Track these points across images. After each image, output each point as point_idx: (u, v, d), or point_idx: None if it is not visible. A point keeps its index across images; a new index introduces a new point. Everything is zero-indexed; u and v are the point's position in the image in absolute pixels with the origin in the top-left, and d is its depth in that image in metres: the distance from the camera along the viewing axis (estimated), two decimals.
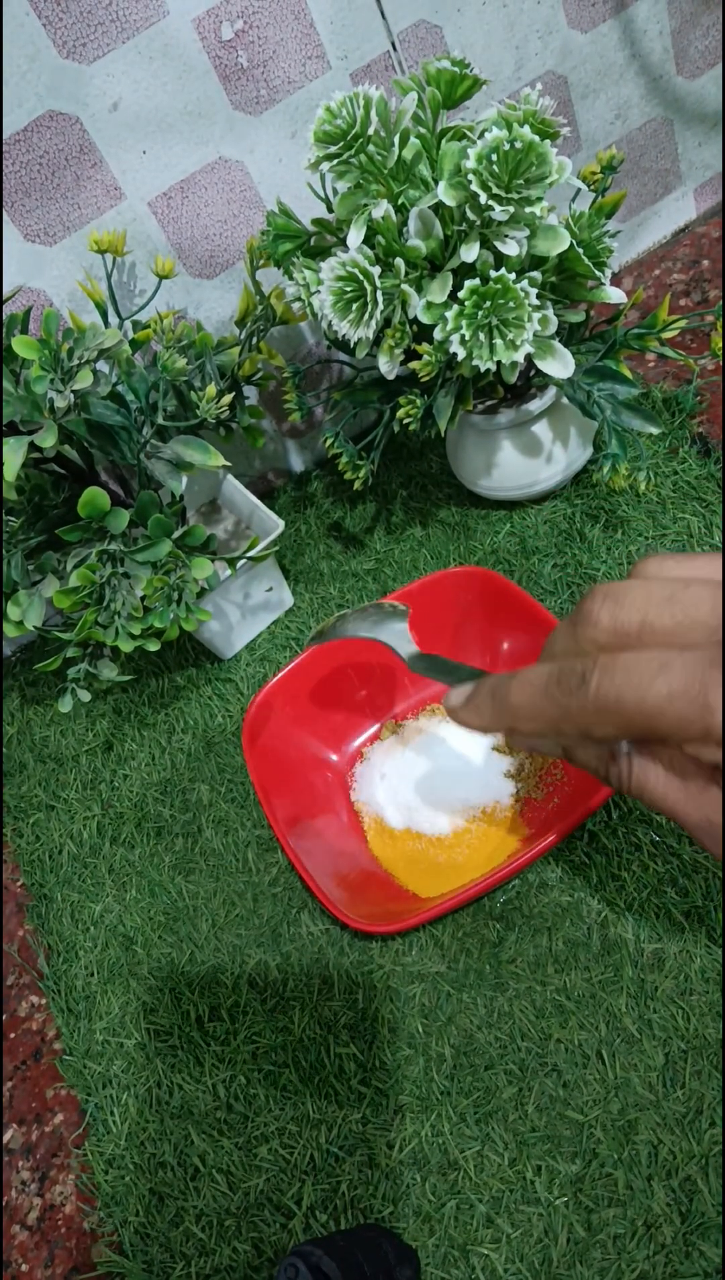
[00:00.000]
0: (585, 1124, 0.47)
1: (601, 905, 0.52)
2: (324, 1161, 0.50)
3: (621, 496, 0.67)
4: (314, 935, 0.57)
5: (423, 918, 0.50)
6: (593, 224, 0.54)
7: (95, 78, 0.59)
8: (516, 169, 0.48)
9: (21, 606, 0.58)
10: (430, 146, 0.54)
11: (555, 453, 0.66)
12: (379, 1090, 0.51)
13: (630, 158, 0.77)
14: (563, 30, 0.69)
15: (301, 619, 0.73)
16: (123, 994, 0.60)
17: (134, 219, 0.65)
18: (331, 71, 0.65)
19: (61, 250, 0.64)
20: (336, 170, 0.52)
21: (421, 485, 0.76)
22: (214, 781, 0.67)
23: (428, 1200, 0.48)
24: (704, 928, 0.50)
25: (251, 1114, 0.53)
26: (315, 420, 0.81)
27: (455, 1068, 0.50)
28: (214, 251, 0.69)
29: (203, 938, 0.60)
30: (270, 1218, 0.50)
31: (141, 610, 0.58)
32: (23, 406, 0.52)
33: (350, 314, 0.54)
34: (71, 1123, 0.57)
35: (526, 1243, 0.45)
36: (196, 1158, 0.52)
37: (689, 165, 0.80)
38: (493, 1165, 0.47)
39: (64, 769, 0.72)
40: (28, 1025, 0.62)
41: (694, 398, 0.70)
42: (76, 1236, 0.53)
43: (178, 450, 0.59)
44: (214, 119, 0.63)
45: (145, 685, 0.74)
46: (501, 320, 0.51)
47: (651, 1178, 0.45)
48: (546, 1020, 0.50)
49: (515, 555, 0.68)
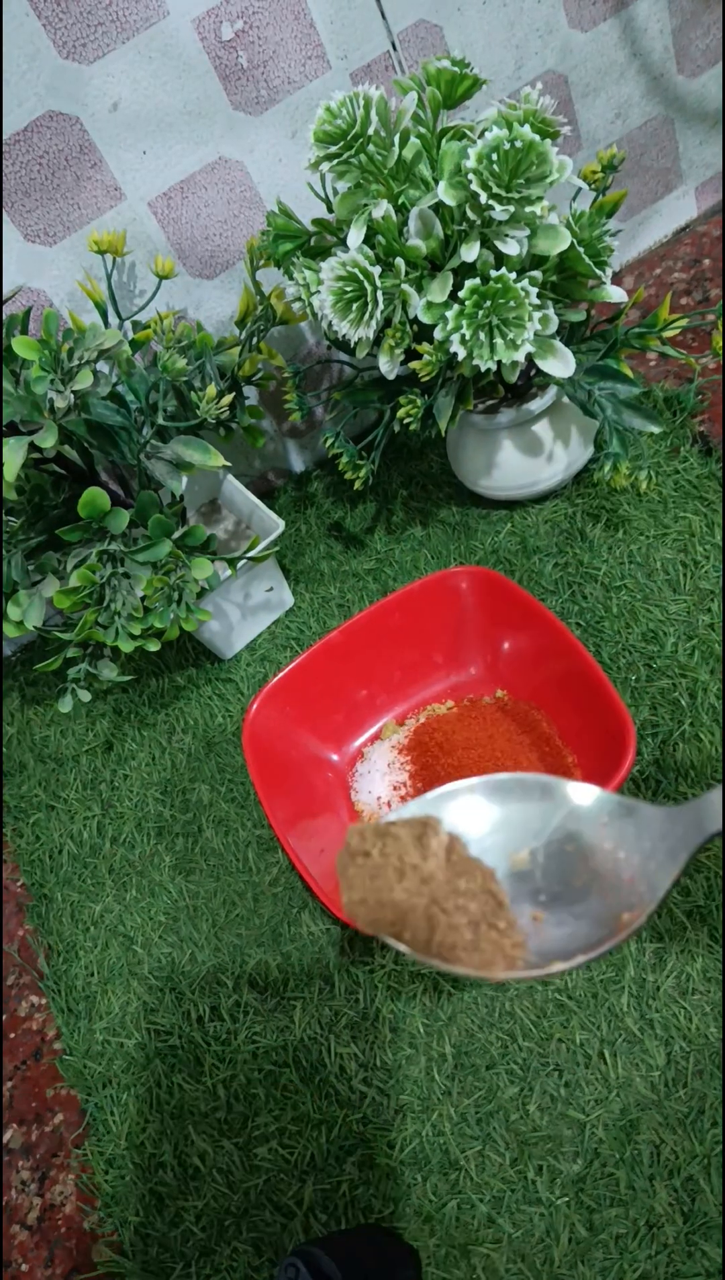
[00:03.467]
0: (587, 1124, 0.47)
1: None
2: (324, 1161, 0.50)
3: (623, 496, 0.67)
4: (315, 935, 0.57)
5: None
6: (593, 223, 0.53)
7: (95, 78, 0.59)
8: (517, 168, 0.48)
9: (21, 606, 0.58)
10: (430, 146, 0.54)
11: (556, 452, 0.66)
12: (380, 1090, 0.51)
13: (631, 157, 0.77)
14: (563, 29, 0.69)
15: (302, 619, 0.73)
16: (123, 994, 0.60)
17: (134, 219, 0.65)
18: (331, 71, 0.64)
19: (61, 250, 0.64)
20: (336, 170, 0.52)
21: (422, 485, 0.76)
22: (214, 781, 0.67)
23: (428, 1200, 0.48)
24: (705, 927, 0.50)
25: (252, 1114, 0.53)
26: (315, 420, 0.81)
27: (456, 1067, 0.50)
28: (214, 251, 0.69)
29: (203, 937, 0.60)
30: (270, 1218, 0.49)
31: (142, 610, 0.58)
32: (23, 407, 0.52)
33: (350, 314, 0.54)
34: (72, 1122, 0.57)
35: (528, 1242, 0.45)
36: (196, 1157, 0.52)
37: (690, 164, 0.80)
38: (494, 1165, 0.47)
39: (64, 769, 0.72)
40: (28, 1025, 0.62)
41: (695, 396, 0.69)
42: (76, 1236, 0.53)
43: (178, 450, 0.59)
44: (214, 119, 0.63)
45: (145, 685, 0.74)
46: (502, 320, 0.51)
47: (653, 1177, 0.45)
48: (548, 1020, 0.50)
49: (516, 555, 0.68)
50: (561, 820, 0.36)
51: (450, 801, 0.37)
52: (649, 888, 0.33)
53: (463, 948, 0.33)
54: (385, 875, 0.34)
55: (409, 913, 0.34)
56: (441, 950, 0.33)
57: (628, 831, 0.35)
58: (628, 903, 0.34)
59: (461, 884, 0.34)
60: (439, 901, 0.34)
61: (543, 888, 0.35)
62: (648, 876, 0.34)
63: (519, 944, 0.34)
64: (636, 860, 0.34)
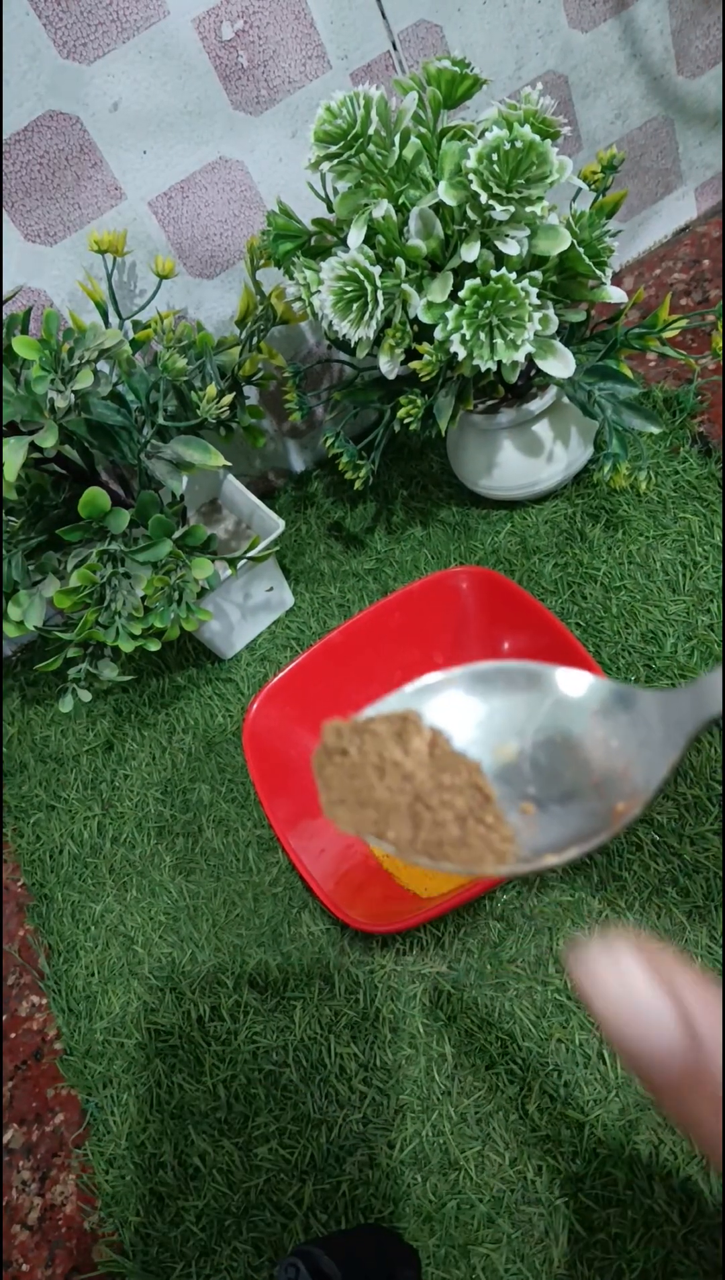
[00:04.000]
0: (586, 1124, 0.47)
1: (602, 905, 0.52)
2: (324, 1161, 0.50)
3: (622, 496, 0.67)
4: (315, 935, 0.57)
5: (423, 917, 0.50)
6: (593, 223, 0.53)
7: (95, 77, 0.59)
8: (517, 168, 0.48)
9: (22, 606, 0.58)
10: (431, 146, 0.54)
11: (556, 452, 0.66)
12: (380, 1090, 0.51)
13: (631, 157, 0.77)
14: (563, 30, 0.69)
15: (302, 619, 0.73)
16: (123, 994, 0.60)
17: (134, 219, 0.65)
18: (332, 71, 0.64)
19: (62, 250, 0.64)
20: (337, 170, 0.52)
21: (422, 485, 0.76)
22: (214, 781, 0.67)
23: (428, 1200, 0.48)
24: (705, 927, 0.50)
25: (252, 1114, 0.53)
26: (316, 420, 0.81)
27: (456, 1067, 0.50)
28: (214, 251, 0.69)
29: (203, 937, 0.60)
30: (270, 1218, 0.50)
31: (142, 610, 0.58)
32: (23, 406, 0.52)
33: (351, 314, 0.54)
34: (72, 1122, 0.57)
35: (527, 1242, 0.45)
36: (197, 1157, 0.52)
37: (689, 165, 0.80)
38: (493, 1165, 0.47)
39: (64, 769, 0.72)
40: (28, 1025, 0.62)
41: (695, 397, 0.70)
42: (77, 1236, 0.53)
43: (178, 450, 0.59)
44: (214, 119, 0.63)
45: (146, 685, 0.74)
46: (502, 320, 0.51)
47: (652, 1177, 0.45)
48: (548, 1020, 0.50)
49: (516, 555, 0.68)
50: (550, 710, 0.34)
51: (431, 695, 0.35)
52: (644, 777, 0.32)
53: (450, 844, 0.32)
54: (365, 774, 0.33)
55: (392, 812, 0.32)
56: (428, 848, 0.32)
57: (621, 720, 0.33)
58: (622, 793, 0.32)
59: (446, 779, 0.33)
60: (423, 798, 0.33)
61: (532, 780, 0.34)
62: (643, 765, 0.32)
63: (508, 838, 0.33)
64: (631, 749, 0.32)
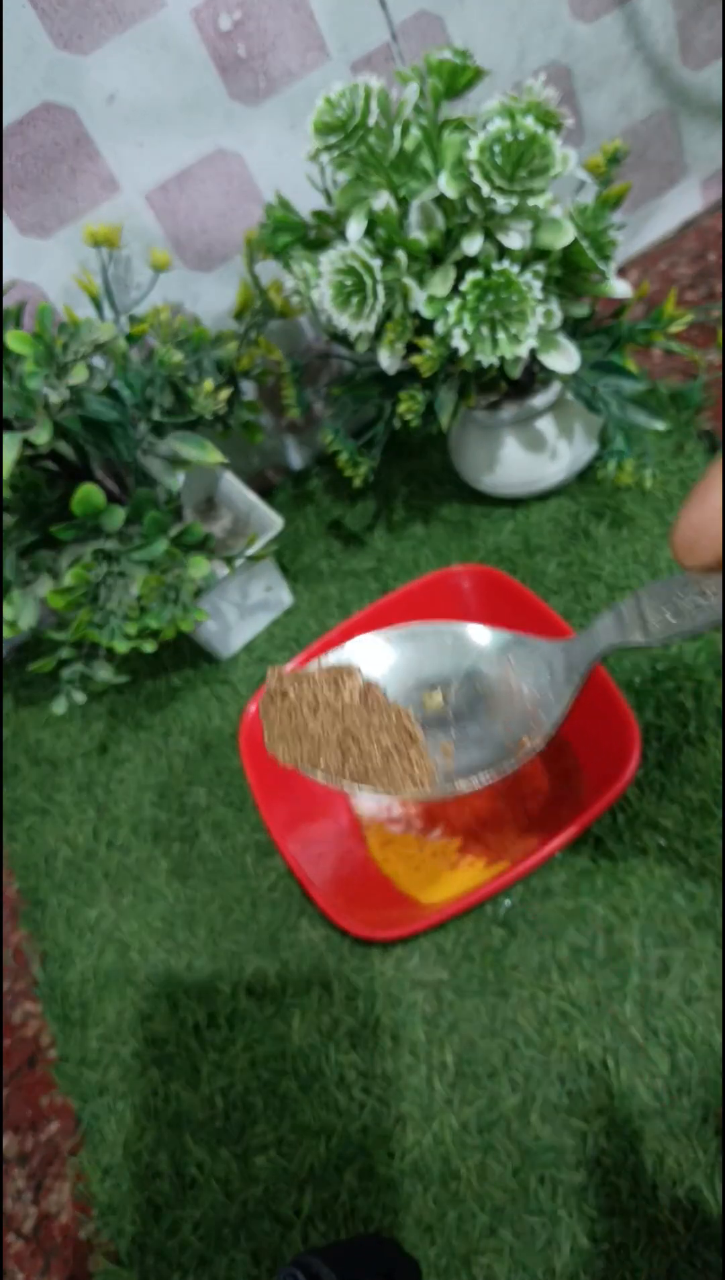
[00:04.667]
0: (589, 1133, 0.46)
1: (606, 911, 0.51)
2: (323, 1171, 0.49)
3: (627, 493, 0.66)
4: (313, 941, 0.56)
5: (424, 924, 0.49)
6: (597, 216, 0.53)
7: (92, 69, 0.58)
8: (519, 160, 0.47)
9: (15, 606, 0.57)
10: (432, 137, 0.53)
11: (560, 449, 0.65)
12: (380, 1099, 0.50)
13: (635, 150, 0.76)
14: (566, 21, 0.68)
15: (300, 619, 0.72)
16: (119, 1001, 0.59)
17: (130, 212, 0.64)
18: (331, 62, 0.64)
19: (57, 244, 0.63)
20: (336, 162, 0.51)
21: (423, 482, 0.75)
22: (211, 785, 0.66)
23: (429, 1210, 0.47)
24: (711, 932, 0.49)
25: (249, 1122, 0.52)
26: (314, 416, 0.80)
27: (457, 1076, 0.50)
28: (211, 244, 0.68)
29: (200, 944, 0.59)
30: (269, 1227, 0.49)
31: (137, 610, 0.57)
32: (16, 402, 0.51)
33: (350, 307, 0.53)
34: (67, 1131, 0.56)
35: (529, 1253, 0.45)
36: (194, 1166, 0.52)
37: (694, 158, 0.79)
38: (495, 1174, 0.47)
39: (58, 772, 0.71)
40: (22, 1032, 0.61)
41: (700, 393, 0.69)
42: (72, 1246, 0.52)
43: (174, 446, 0.58)
44: (212, 110, 0.62)
45: (141, 686, 0.73)
46: (504, 314, 0.50)
47: (656, 1187, 0.44)
48: (550, 1028, 0.49)
49: (519, 553, 0.67)
50: (473, 661, 0.40)
51: (366, 652, 0.40)
52: (547, 714, 0.38)
53: (373, 772, 0.37)
54: (301, 711, 0.38)
55: (323, 743, 0.38)
56: (354, 774, 0.37)
57: (527, 664, 0.39)
58: (528, 729, 0.38)
59: (376, 720, 0.38)
60: (352, 733, 0.38)
61: (452, 723, 0.40)
62: (546, 704, 0.38)
63: (428, 770, 0.38)
64: (536, 691, 0.38)
